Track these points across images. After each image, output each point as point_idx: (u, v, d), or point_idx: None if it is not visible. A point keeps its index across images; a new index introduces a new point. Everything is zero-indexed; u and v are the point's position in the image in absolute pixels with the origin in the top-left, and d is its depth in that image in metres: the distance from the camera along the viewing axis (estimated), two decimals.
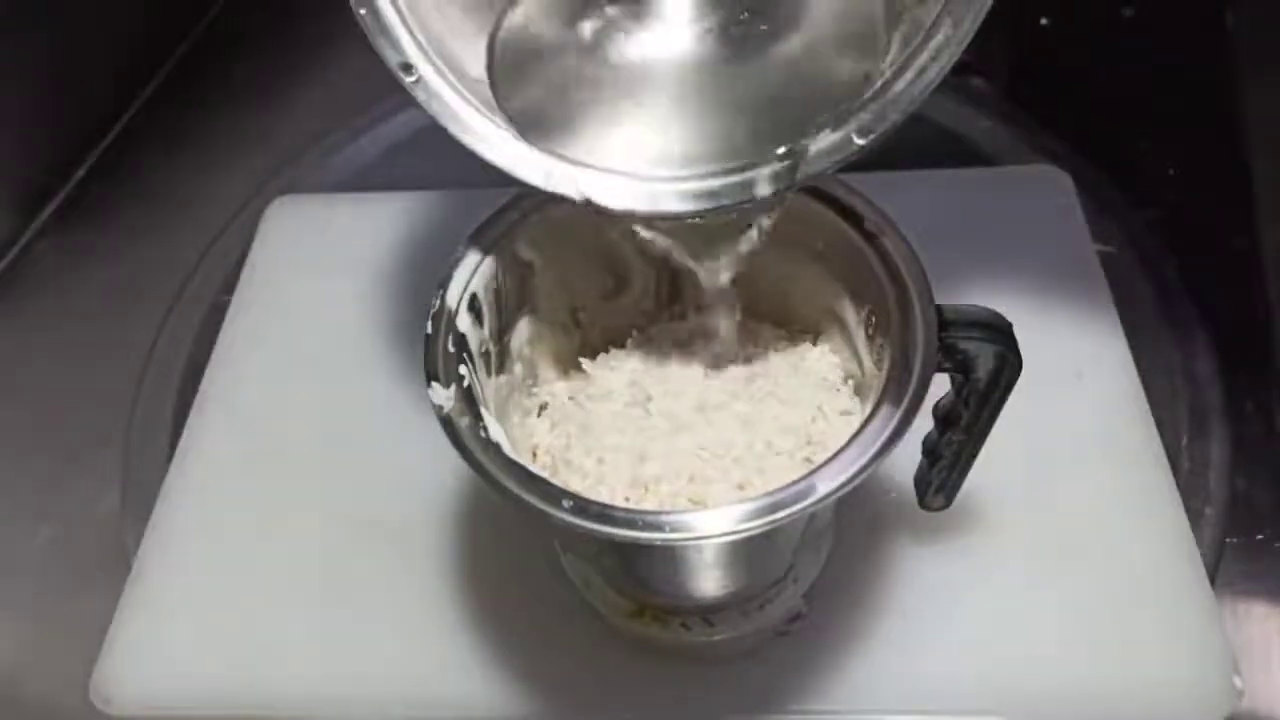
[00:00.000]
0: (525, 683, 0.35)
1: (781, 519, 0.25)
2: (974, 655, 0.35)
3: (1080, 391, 0.40)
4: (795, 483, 0.25)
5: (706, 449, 0.30)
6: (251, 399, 0.44)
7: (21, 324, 0.52)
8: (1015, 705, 0.34)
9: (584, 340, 0.35)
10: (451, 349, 0.28)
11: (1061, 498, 0.38)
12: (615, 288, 0.35)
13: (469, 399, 0.28)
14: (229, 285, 0.49)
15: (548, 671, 0.36)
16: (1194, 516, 0.38)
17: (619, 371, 0.33)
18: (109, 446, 0.45)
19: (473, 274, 0.30)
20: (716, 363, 0.33)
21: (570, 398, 0.33)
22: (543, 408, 0.33)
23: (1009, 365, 0.28)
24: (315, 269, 0.49)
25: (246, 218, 0.53)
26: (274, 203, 0.52)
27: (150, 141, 0.60)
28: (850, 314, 0.32)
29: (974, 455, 0.32)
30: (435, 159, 0.56)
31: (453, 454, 0.26)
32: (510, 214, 0.31)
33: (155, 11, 0.63)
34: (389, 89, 0.27)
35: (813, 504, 0.25)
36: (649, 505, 0.29)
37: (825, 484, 0.25)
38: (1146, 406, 0.40)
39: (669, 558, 0.29)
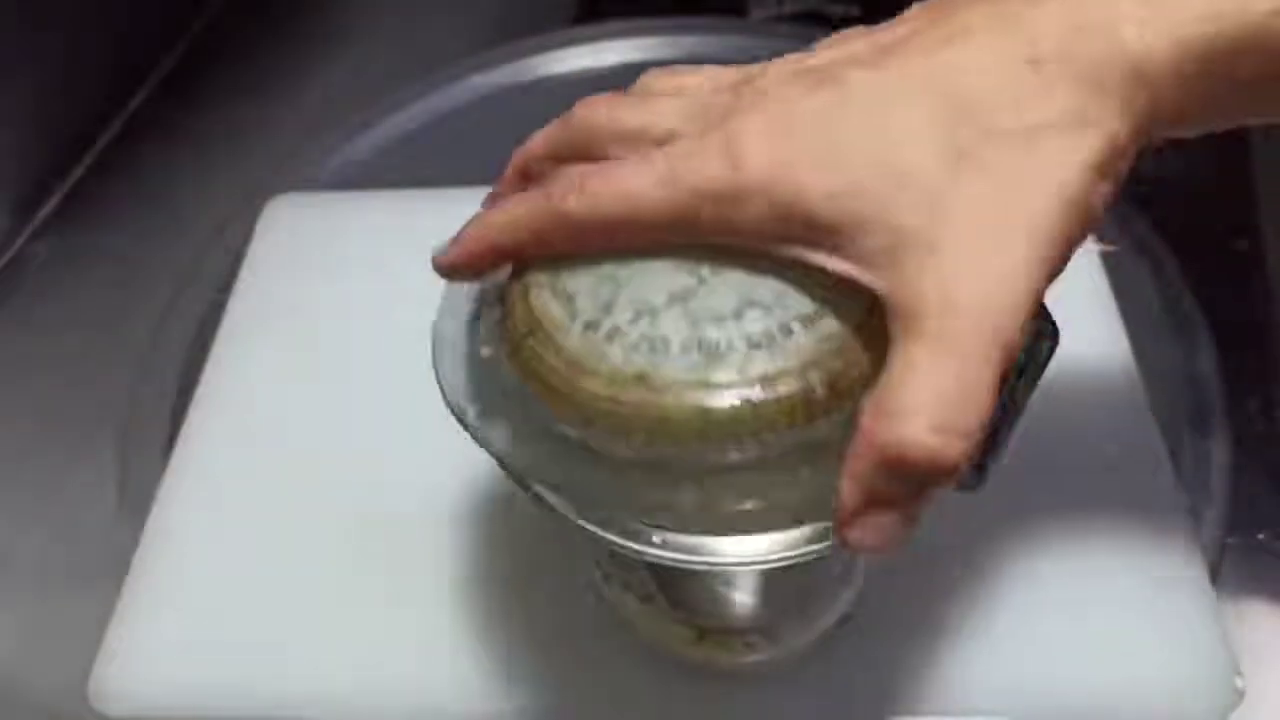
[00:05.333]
0: (528, 684, 0.35)
1: None
2: (975, 655, 0.35)
3: (1080, 392, 0.40)
4: None
5: None
6: (250, 399, 0.44)
7: (20, 324, 0.52)
8: (1015, 705, 0.34)
9: None
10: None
11: (1061, 498, 0.38)
12: None
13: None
14: (228, 285, 0.49)
15: (549, 672, 0.36)
16: (1194, 516, 0.38)
17: None
18: (108, 447, 0.45)
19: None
20: None
21: None
22: None
23: (1046, 336, 0.28)
24: (314, 268, 0.49)
25: (246, 217, 0.52)
26: (273, 202, 0.52)
27: (149, 141, 0.60)
28: None
29: (1010, 431, 0.32)
30: (435, 158, 0.57)
31: (453, 453, 0.26)
32: None
33: (155, 10, 0.63)
34: (389, 88, 0.27)
35: None
36: None
37: None
38: (1146, 406, 0.40)
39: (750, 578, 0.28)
